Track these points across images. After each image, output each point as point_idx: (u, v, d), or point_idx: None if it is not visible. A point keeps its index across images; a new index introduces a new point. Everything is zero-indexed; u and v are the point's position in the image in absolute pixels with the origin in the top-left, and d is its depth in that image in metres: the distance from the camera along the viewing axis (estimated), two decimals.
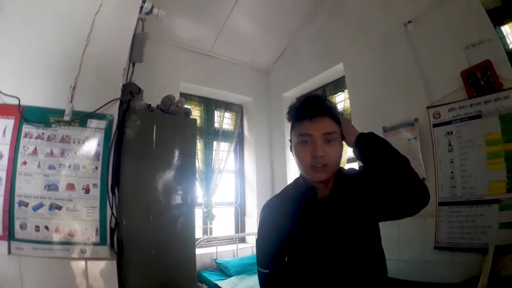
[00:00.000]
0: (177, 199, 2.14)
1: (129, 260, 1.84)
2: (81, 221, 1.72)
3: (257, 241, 1.20)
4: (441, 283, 2.16)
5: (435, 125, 2.40)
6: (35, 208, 1.65)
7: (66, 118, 1.77)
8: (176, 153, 2.20)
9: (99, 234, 1.74)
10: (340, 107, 3.64)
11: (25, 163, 1.67)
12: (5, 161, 1.66)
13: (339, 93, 3.68)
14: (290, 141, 1.15)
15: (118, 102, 1.93)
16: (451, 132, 2.30)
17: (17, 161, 1.66)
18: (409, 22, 2.62)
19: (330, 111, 1.08)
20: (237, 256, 3.72)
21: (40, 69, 1.81)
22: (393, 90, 2.80)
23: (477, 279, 1.54)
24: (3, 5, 1.83)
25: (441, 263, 2.24)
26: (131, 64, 2.24)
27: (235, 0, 3.47)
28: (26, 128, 1.71)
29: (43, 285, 1.61)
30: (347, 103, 3.42)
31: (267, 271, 1.13)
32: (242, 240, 4.16)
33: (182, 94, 3.79)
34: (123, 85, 2.08)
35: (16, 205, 1.63)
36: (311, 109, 1.06)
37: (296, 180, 1.23)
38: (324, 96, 1.21)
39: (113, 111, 1.91)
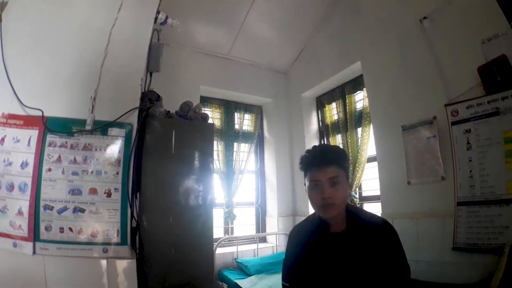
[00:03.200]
0: (196, 200, 2.18)
1: (149, 259, 1.90)
2: (103, 223, 1.80)
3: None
4: (458, 284, 2.11)
5: (453, 123, 2.33)
6: (60, 211, 1.75)
7: (88, 127, 1.85)
8: (195, 156, 2.25)
9: (120, 235, 1.81)
10: (359, 106, 3.61)
11: (50, 170, 1.77)
12: (30, 168, 1.76)
13: (358, 91, 3.63)
14: (305, 184, 1.32)
15: (137, 111, 1.99)
16: (470, 130, 2.23)
17: (42, 168, 1.76)
18: (425, 18, 2.56)
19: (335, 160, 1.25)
20: (257, 256, 3.77)
21: (61, 82, 1.90)
22: (411, 87, 2.74)
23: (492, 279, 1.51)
24: (26, 23, 1.96)
25: (459, 264, 2.19)
26: (148, 74, 2.31)
27: (251, 3, 3.52)
28: (50, 138, 1.81)
29: (65, 283, 1.70)
30: (366, 102, 3.38)
31: (287, 284, 1.35)
32: (263, 239, 4.20)
33: (202, 98, 3.89)
34: (142, 93, 2.14)
35: (41, 209, 1.73)
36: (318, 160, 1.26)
37: (313, 213, 1.41)
38: (332, 147, 1.46)
39: (133, 119, 1.96)
